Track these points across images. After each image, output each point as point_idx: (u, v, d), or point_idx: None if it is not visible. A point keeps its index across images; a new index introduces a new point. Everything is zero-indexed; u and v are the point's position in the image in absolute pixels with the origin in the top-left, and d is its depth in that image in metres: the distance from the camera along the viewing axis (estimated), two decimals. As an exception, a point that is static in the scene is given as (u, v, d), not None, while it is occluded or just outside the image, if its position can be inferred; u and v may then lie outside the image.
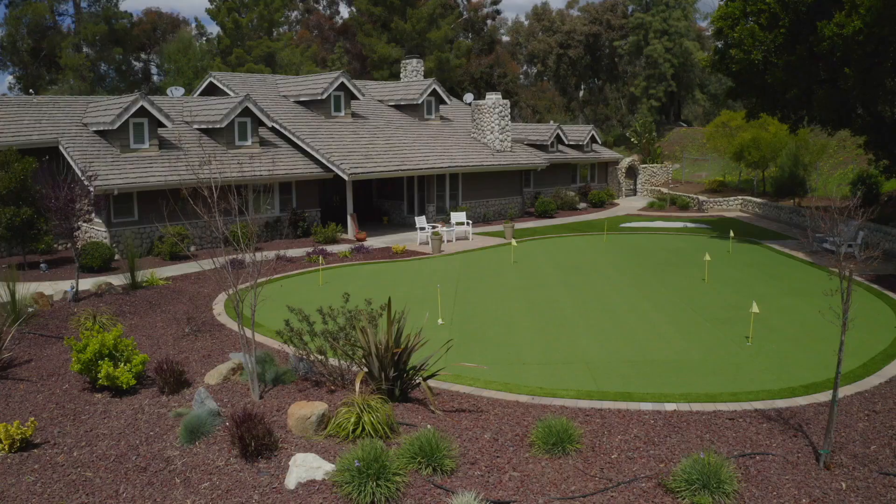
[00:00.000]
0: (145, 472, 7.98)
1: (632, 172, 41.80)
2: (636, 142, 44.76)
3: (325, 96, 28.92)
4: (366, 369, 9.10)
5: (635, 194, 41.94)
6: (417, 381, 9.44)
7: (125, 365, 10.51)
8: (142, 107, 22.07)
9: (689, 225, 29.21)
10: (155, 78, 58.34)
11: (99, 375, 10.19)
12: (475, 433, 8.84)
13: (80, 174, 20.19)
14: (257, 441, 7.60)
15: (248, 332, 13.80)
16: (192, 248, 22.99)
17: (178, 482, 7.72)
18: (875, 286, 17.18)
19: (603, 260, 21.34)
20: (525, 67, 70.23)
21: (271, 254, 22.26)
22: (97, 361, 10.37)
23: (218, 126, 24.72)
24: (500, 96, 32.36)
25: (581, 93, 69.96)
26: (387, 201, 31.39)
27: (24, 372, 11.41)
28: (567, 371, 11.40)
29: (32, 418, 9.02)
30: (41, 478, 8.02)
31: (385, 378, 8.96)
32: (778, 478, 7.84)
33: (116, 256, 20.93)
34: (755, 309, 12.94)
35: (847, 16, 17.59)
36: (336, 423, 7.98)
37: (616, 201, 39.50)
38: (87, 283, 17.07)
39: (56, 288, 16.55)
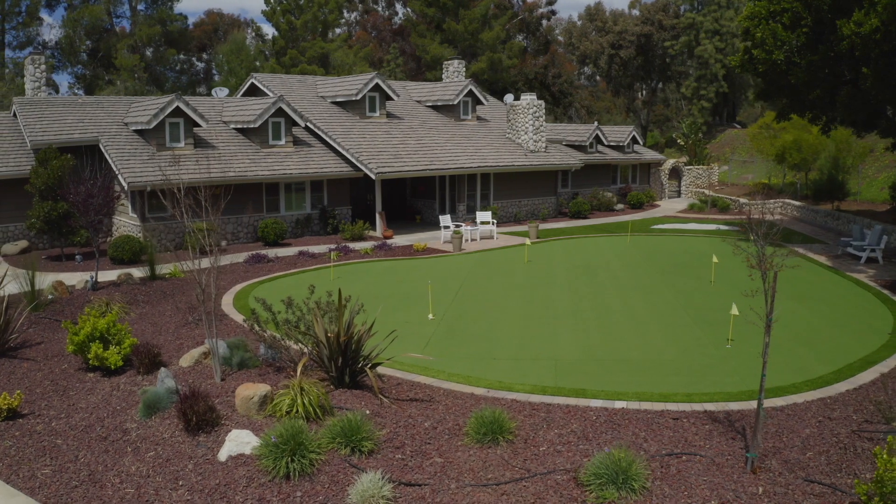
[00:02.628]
0: (105, 441, 8.75)
1: (676, 174, 41.14)
2: (682, 143, 44.01)
3: (359, 97, 29.72)
4: (316, 356, 9.63)
5: (679, 196, 41.27)
6: (365, 369, 9.90)
7: (115, 347, 11.38)
8: (177, 107, 23.31)
9: (723, 227, 28.67)
10: (216, 78, 60.77)
11: (89, 356, 11.09)
12: (416, 420, 9.24)
13: (116, 171, 21.53)
14: (198, 416, 8.25)
15: (239, 318, 14.58)
16: (224, 244, 24.12)
17: (129, 451, 8.45)
18: (885, 291, 16.66)
19: (618, 261, 21.30)
20: (579, 68, 69.70)
21: (294, 250, 23.16)
22: (89, 343, 11.27)
23: (252, 126, 25.81)
24: (535, 97, 32.48)
25: (642, 94, 68.96)
26: (420, 200, 31.99)
27: (32, 353, 12.46)
28: (534, 367, 11.64)
29: (19, 391, 9.94)
30: (17, 443, 8.90)
31: (334, 365, 9.47)
32: (696, 478, 7.92)
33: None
34: (735, 311, 12.87)
35: (865, 14, 17.08)
36: (274, 403, 8.56)
37: (657, 203, 38.98)
38: (112, 275, 18.25)
39: (83, 278, 17.77)
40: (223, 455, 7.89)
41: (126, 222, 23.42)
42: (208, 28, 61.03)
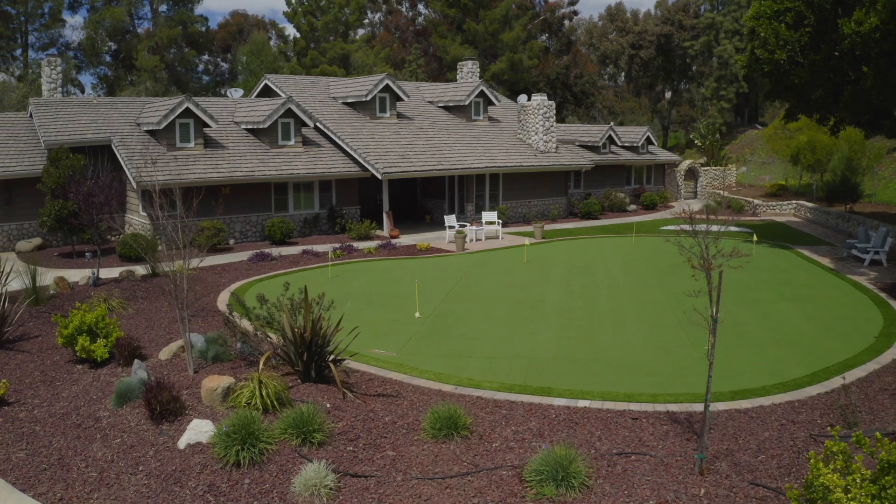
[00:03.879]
0: (78, 428, 9.17)
1: (692, 175, 40.80)
2: (700, 144, 43.63)
3: (369, 98, 30.06)
4: (283, 351, 9.92)
5: (695, 197, 40.92)
6: (330, 364, 10.16)
7: (102, 340, 11.82)
8: (187, 108, 23.87)
9: (733, 229, 28.41)
10: (240, 79, 61.78)
11: (76, 349, 11.54)
12: (377, 415, 9.48)
13: (126, 171, 22.14)
14: (162, 406, 8.62)
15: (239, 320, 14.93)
16: (231, 242, 24.63)
17: (98, 437, 8.85)
18: (883, 294, 16.46)
19: (618, 262, 21.31)
20: (600, 68, 69.37)
21: (299, 248, 23.55)
22: (76, 336, 11.72)
23: (262, 126, 26.29)
24: (545, 97, 32.51)
25: (669, 94, 68.42)
26: (430, 200, 32.24)
27: (28, 345, 12.97)
28: (506, 365, 11.80)
29: (5, 380, 10.41)
30: (-1, 428, 9.36)
31: (301, 360, 9.75)
32: (640, 478, 8.00)
33: (160, 247, 22.74)
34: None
35: (865, 13, 16.89)
36: (235, 395, 8.89)
37: (672, 204, 38.70)
38: (117, 272, 18.80)
39: (87, 274, 18.33)
40: (182, 443, 8.22)
41: (137, 220, 24.06)
42: (233, 29, 62.06)
